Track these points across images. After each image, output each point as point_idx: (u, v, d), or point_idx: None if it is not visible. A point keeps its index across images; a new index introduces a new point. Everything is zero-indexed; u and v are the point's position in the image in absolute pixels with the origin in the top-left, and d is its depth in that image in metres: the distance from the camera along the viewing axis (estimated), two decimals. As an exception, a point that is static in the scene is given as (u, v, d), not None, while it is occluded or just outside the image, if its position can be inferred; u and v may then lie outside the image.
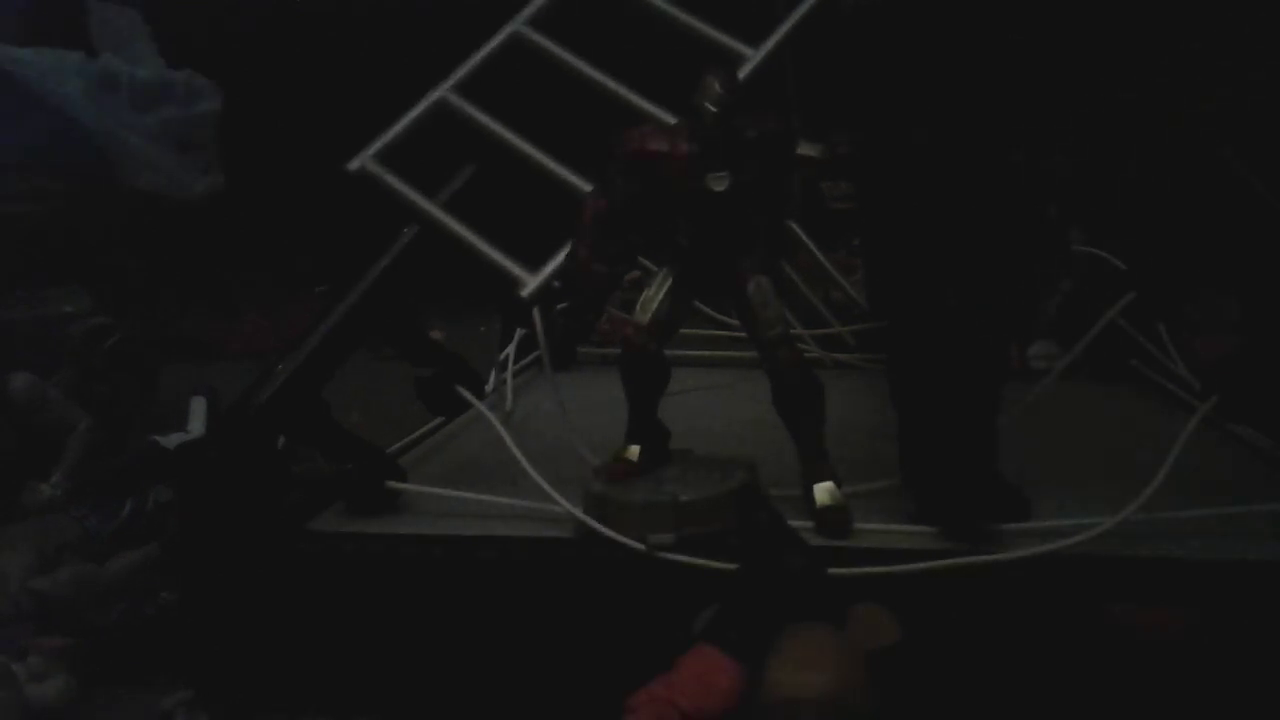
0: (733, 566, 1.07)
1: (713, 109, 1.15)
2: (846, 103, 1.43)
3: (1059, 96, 1.40)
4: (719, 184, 1.17)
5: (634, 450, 1.24)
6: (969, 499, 1.17)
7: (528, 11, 1.57)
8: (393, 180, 1.45)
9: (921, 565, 1.09)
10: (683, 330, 1.30)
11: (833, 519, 1.18)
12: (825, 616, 1.00)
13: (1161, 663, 1.06)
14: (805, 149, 1.22)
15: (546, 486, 1.23)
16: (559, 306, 1.93)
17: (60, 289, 2.71)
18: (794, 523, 1.12)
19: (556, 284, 1.39)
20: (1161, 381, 1.85)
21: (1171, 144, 1.52)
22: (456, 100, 1.50)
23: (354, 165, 1.47)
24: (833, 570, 1.06)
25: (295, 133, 3.45)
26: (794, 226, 2.06)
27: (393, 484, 1.32)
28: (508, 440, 1.32)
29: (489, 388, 1.77)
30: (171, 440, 1.83)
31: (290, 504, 1.31)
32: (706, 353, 2.05)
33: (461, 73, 1.53)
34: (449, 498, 1.30)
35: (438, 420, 1.68)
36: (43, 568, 1.37)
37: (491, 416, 1.42)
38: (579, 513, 1.20)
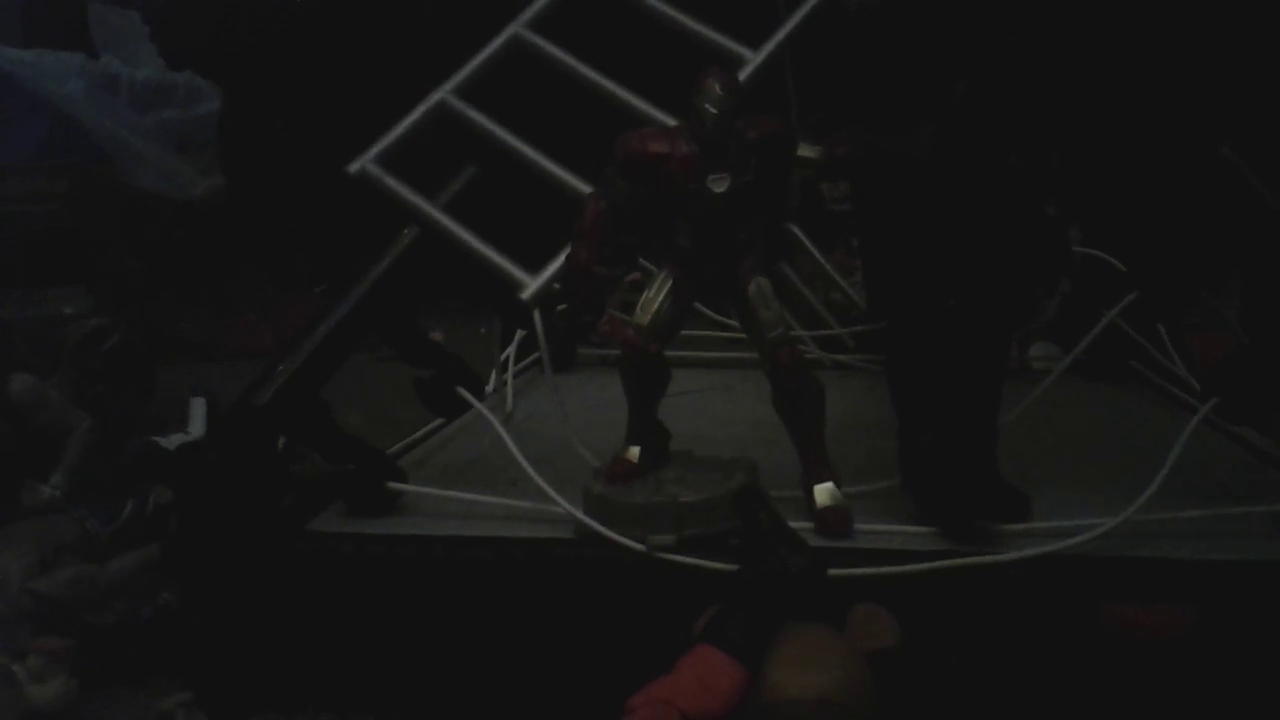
0: (733, 567, 1.07)
1: (713, 111, 1.15)
2: (847, 104, 1.43)
3: (1060, 96, 1.40)
4: (719, 185, 1.17)
5: (634, 451, 1.24)
6: (969, 499, 1.17)
7: (528, 14, 1.57)
8: (393, 183, 1.45)
9: (921, 566, 1.10)
10: (683, 331, 1.30)
11: (833, 520, 1.18)
12: (825, 617, 1.00)
13: (1161, 663, 1.06)
14: (805, 150, 1.22)
15: (547, 487, 1.23)
16: (559, 308, 1.94)
17: (60, 289, 2.71)
18: (794, 523, 1.12)
19: (556, 286, 1.39)
20: (1161, 382, 1.85)
21: (1171, 144, 1.52)
22: (456, 103, 1.50)
23: (354, 168, 1.47)
24: (833, 571, 1.06)
25: (295, 134, 3.46)
26: (794, 228, 2.06)
27: (393, 485, 1.32)
28: (508, 441, 1.31)
29: (489, 389, 1.77)
30: (171, 440, 1.83)
31: (289, 504, 1.31)
32: (706, 353, 2.05)
33: (462, 75, 1.53)
34: (449, 498, 1.31)
35: (438, 421, 1.68)
36: (42, 568, 1.37)
37: (492, 417, 1.42)
38: (579, 514, 1.20)
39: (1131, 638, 1.06)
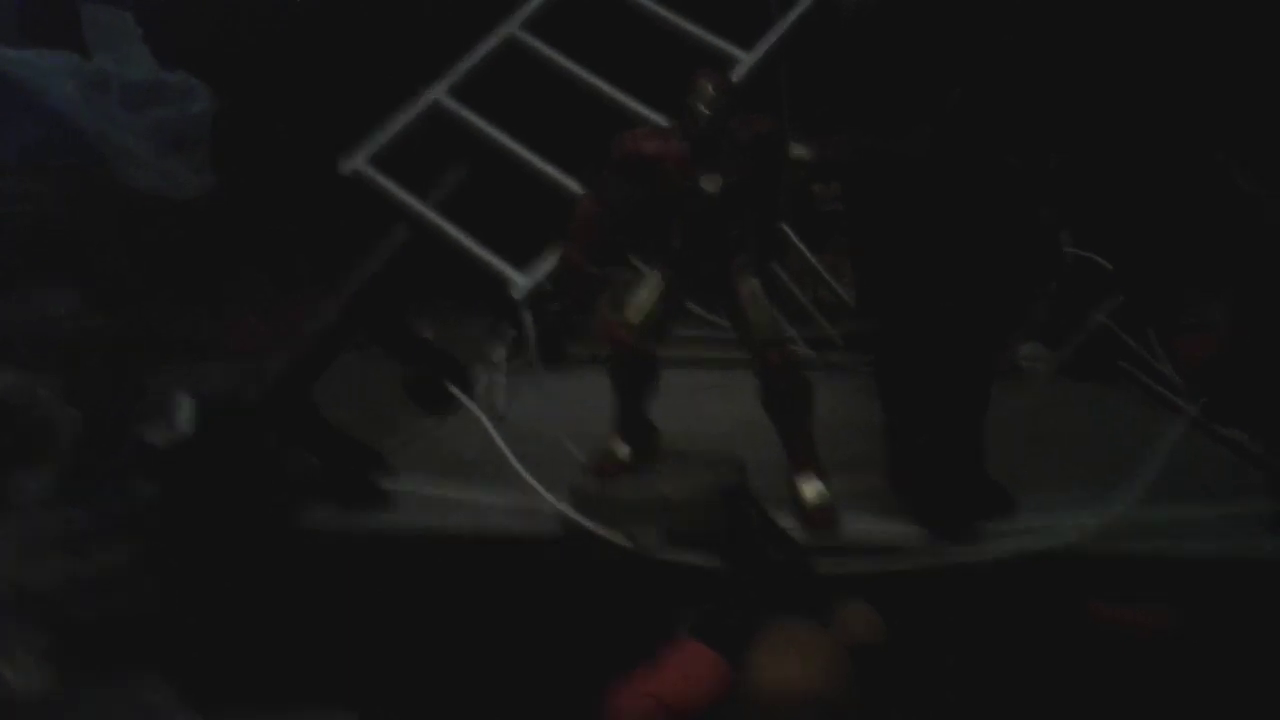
0: (719, 563, 1.07)
1: (706, 111, 1.15)
2: (839, 105, 1.43)
3: (1055, 98, 1.41)
4: (712, 185, 1.18)
5: (623, 448, 1.25)
6: (956, 497, 1.18)
7: (521, 14, 1.57)
8: (385, 181, 1.46)
9: (908, 563, 1.10)
10: (675, 330, 1.31)
11: (820, 517, 1.19)
12: (811, 613, 1.00)
13: (1150, 661, 1.06)
14: (797, 150, 1.22)
15: (535, 484, 1.23)
16: (552, 307, 1.94)
17: (54, 289, 2.70)
18: (782, 521, 1.13)
19: (548, 285, 1.40)
20: (1150, 383, 1.86)
21: (1166, 146, 1.53)
22: (450, 102, 1.51)
23: (347, 167, 1.47)
24: (819, 567, 1.06)
25: (294, 135, 3.45)
26: (785, 228, 2.06)
27: (384, 482, 1.32)
28: (497, 438, 1.32)
29: (479, 386, 1.77)
30: (160, 438, 1.82)
31: (282, 502, 1.31)
32: (698, 353, 2.05)
33: (455, 75, 1.54)
34: (439, 495, 1.31)
35: (428, 418, 1.68)
36: (30, 563, 1.37)
37: (481, 415, 1.42)
38: (568, 510, 1.20)
39: (1117, 634, 1.07)
